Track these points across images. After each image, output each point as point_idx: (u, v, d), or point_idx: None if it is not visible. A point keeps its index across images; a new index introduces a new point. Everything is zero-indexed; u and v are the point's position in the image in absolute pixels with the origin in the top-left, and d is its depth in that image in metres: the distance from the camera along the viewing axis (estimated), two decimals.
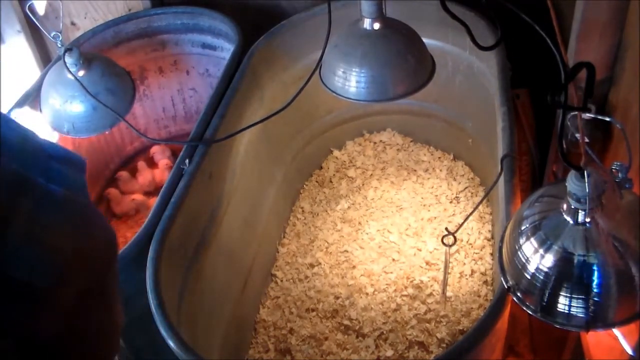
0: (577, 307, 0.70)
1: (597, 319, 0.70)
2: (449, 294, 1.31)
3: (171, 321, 0.98)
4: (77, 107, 1.32)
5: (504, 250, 0.80)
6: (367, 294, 1.35)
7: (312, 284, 1.40)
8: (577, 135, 0.88)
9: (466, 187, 1.55)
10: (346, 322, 1.31)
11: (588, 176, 0.67)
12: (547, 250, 0.71)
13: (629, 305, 0.70)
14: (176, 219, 1.14)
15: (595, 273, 0.69)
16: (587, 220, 0.69)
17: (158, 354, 1.11)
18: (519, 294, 0.76)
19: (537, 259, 0.72)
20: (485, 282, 1.33)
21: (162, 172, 1.71)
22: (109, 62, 1.39)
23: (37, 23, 1.32)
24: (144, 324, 1.02)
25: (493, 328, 0.91)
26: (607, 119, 0.90)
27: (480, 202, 1.20)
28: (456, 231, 1.12)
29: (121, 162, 1.77)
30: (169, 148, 1.77)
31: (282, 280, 1.43)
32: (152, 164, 1.76)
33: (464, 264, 1.37)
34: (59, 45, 1.29)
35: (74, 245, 0.38)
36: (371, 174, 1.63)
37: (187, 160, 1.22)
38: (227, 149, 1.33)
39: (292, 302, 1.38)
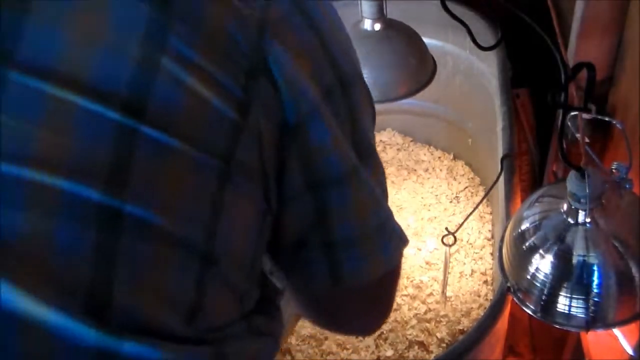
0: (577, 307, 0.70)
1: (597, 319, 0.70)
2: (449, 293, 1.31)
3: None
4: None
5: (504, 250, 0.80)
6: None
7: None
8: (577, 135, 0.88)
9: (466, 187, 1.55)
10: None
11: (588, 176, 0.67)
12: (547, 250, 0.72)
13: (629, 305, 0.70)
14: None
15: (595, 273, 0.69)
16: (587, 220, 0.69)
17: None
18: (519, 294, 0.76)
19: (537, 259, 0.72)
20: (485, 282, 1.33)
21: None
22: None
23: None
24: None
25: (493, 328, 0.91)
26: (607, 119, 0.90)
27: (480, 202, 1.20)
28: (456, 231, 1.12)
29: None
30: None
31: None
32: None
33: (464, 263, 1.37)
34: None
35: None
36: None
37: None
38: None
39: None
